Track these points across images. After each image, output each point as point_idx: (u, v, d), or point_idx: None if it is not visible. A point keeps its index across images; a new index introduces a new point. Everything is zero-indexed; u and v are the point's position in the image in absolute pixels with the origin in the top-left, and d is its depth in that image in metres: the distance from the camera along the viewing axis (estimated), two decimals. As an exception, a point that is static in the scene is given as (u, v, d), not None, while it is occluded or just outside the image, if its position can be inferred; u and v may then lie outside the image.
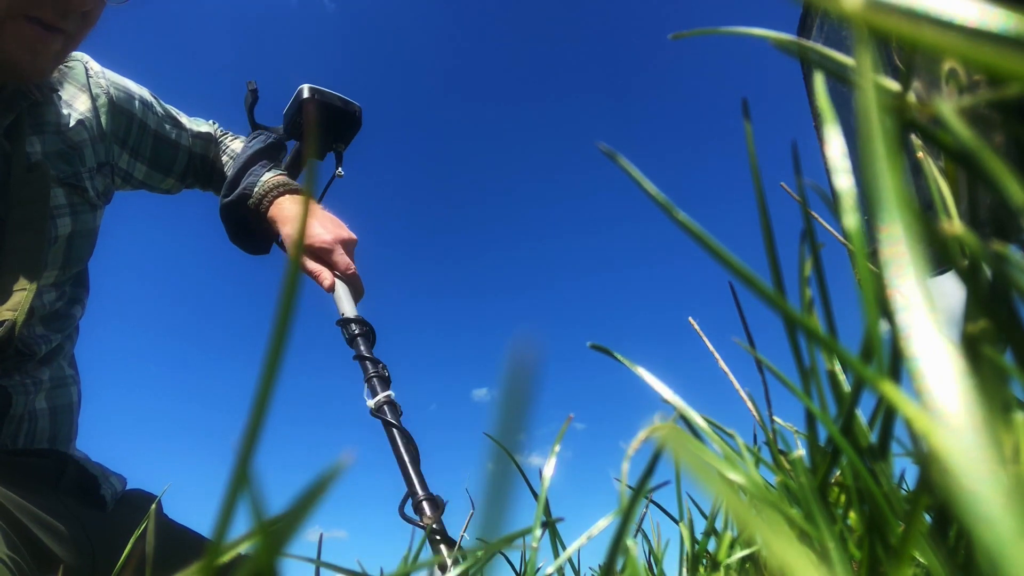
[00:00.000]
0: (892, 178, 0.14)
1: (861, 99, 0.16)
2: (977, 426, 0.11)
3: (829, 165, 0.20)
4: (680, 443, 0.23)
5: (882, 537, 0.23)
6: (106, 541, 0.88)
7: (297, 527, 0.14)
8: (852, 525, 0.28)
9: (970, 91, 0.38)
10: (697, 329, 0.44)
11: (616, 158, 0.24)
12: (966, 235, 0.18)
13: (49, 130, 0.99)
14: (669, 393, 0.34)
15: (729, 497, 0.15)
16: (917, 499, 0.19)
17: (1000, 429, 0.18)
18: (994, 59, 0.12)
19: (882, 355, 0.21)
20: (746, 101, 0.26)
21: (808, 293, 0.27)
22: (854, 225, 0.19)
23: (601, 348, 0.36)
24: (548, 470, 0.40)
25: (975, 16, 0.14)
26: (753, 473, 0.30)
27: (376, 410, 0.96)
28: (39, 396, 0.94)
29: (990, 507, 0.10)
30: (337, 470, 0.14)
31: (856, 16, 0.14)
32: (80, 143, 1.03)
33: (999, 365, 0.18)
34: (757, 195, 0.26)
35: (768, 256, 0.27)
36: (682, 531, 0.43)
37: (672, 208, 0.22)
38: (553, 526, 0.43)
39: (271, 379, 0.14)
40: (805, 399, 0.27)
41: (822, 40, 0.76)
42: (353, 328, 1.05)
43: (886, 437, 0.24)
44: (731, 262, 0.20)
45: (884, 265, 0.14)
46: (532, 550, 0.37)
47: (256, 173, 1.16)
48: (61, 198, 0.98)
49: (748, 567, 0.36)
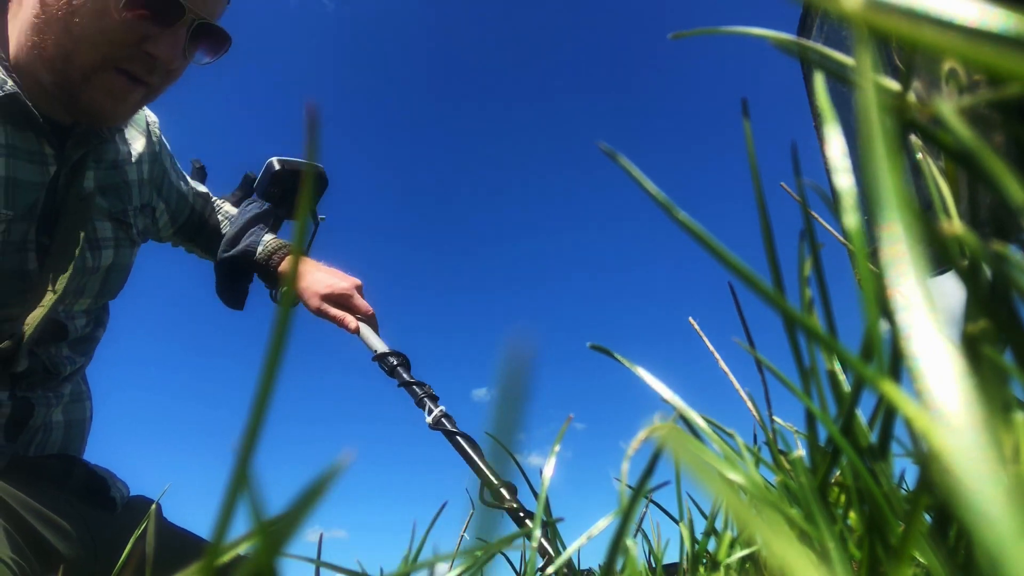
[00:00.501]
0: (892, 178, 0.14)
1: (861, 99, 0.16)
2: (977, 426, 0.11)
3: (829, 165, 0.20)
4: (680, 443, 0.23)
5: (882, 537, 0.23)
6: (109, 542, 0.90)
7: (297, 527, 0.14)
8: (852, 525, 0.28)
9: (970, 91, 0.38)
10: (697, 329, 0.44)
11: (616, 157, 0.24)
12: (966, 235, 0.18)
13: (106, 166, 1.06)
14: (669, 393, 0.34)
15: (729, 497, 0.15)
16: (917, 499, 0.19)
17: (1000, 429, 0.18)
18: (994, 59, 0.12)
19: (882, 355, 0.21)
20: (746, 101, 0.26)
21: (808, 293, 0.27)
22: (854, 224, 0.19)
23: (601, 348, 0.36)
24: (548, 470, 0.40)
25: (975, 16, 0.14)
26: (753, 473, 0.30)
27: (435, 424, 1.07)
28: (57, 409, 0.99)
29: (990, 507, 0.10)
30: (336, 469, 0.14)
31: (856, 16, 0.14)
32: (131, 182, 1.10)
33: (999, 365, 0.18)
34: (757, 195, 0.26)
35: (768, 256, 0.27)
36: (682, 531, 0.43)
37: (672, 207, 0.22)
38: (553, 526, 0.43)
39: (271, 378, 0.14)
40: (805, 399, 0.27)
41: (822, 40, 0.76)
42: (391, 360, 1.18)
43: (886, 437, 0.24)
44: (731, 261, 0.20)
45: (884, 265, 0.14)
46: (532, 550, 0.37)
47: (256, 234, 1.28)
48: (108, 231, 1.05)
49: (748, 567, 0.36)
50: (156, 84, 0.96)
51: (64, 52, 0.87)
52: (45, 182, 0.94)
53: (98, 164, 1.04)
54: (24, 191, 0.91)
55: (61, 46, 0.87)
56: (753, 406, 0.40)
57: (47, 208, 0.94)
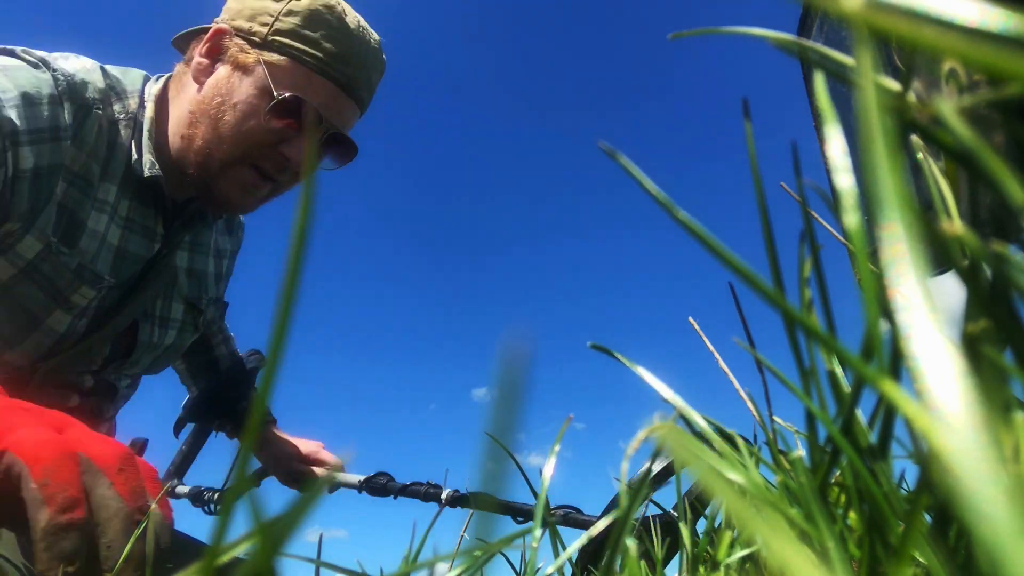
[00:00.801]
0: (892, 178, 0.14)
1: (861, 99, 0.16)
2: (978, 426, 0.11)
3: (830, 164, 0.20)
4: (680, 443, 0.23)
5: (882, 537, 0.23)
6: None
7: (296, 527, 0.14)
8: (852, 525, 0.28)
9: (970, 91, 0.38)
10: (697, 329, 0.44)
11: (617, 157, 0.24)
12: (966, 235, 0.18)
13: (199, 250, 1.15)
14: (669, 393, 0.34)
15: (729, 497, 0.15)
16: (917, 499, 0.19)
17: (1000, 429, 0.18)
18: (994, 59, 0.12)
19: (882, 354, 0.21)
20: (746, 101, 0.26)
21: (808, 293, 0.27)
22: (855, 224, 0.19)
23: (601, 348, 0.36)
24: (548, 470, 0.40)
25: (975, 16, 0.14)
26: (753, 473, 0.30)
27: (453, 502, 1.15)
28: None
29: (990, 506, 0.10)
30: (336, 469, 0.14)
31: (856, 16, 0.14)
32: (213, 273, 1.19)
33: (999, 365, 0.18)
34: (757, 195, 0.26)
35: (768, 256, 0.27)
36: (682, 531, 0.43)
37: (673, 206, 0.22)
38: (553, 526, 0.43)
39: (272, 378, 0.14)
40: (805, 399, 0.27)
41: (822, 40, 0.76)
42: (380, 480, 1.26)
43: (886, 437, 0.24)
44: (731, 260, 0.20)
45: (885, 265, 0.14)
46: (532, 550, 0.37)
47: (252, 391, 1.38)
48: (180, 313, 1.11)
49: (748, 567, 0.36)
50: (283, 182, 1.03)
51: (209, 146, 0.96)
52: (148, 256, 1.02)
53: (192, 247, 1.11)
54: (130, 263, 0.99)
55: (208, 140, 0.96)
56: (753, 406, 0.40)
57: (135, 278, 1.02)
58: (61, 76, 0.88)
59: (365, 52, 1.00)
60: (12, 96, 0.82)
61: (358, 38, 0.99)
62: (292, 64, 0.95)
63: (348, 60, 0.98)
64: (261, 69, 0.95)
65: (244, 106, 0.95)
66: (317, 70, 0.96)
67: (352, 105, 1.02)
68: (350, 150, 1.06)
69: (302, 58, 0.95)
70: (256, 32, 0.96)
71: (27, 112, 0.83)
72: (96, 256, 0.94)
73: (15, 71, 0.84)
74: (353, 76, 0.99)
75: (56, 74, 0.88)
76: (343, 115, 1.01)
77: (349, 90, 0.99)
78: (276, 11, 0.95)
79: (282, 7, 0.95)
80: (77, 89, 0.90)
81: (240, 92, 0.95)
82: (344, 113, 1.01)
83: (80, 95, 0.90)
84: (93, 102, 0.92)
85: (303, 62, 0.95)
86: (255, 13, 0.96)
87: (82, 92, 0.91)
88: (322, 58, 0.96)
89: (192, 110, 0.97)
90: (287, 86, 0.95)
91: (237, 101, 0.95)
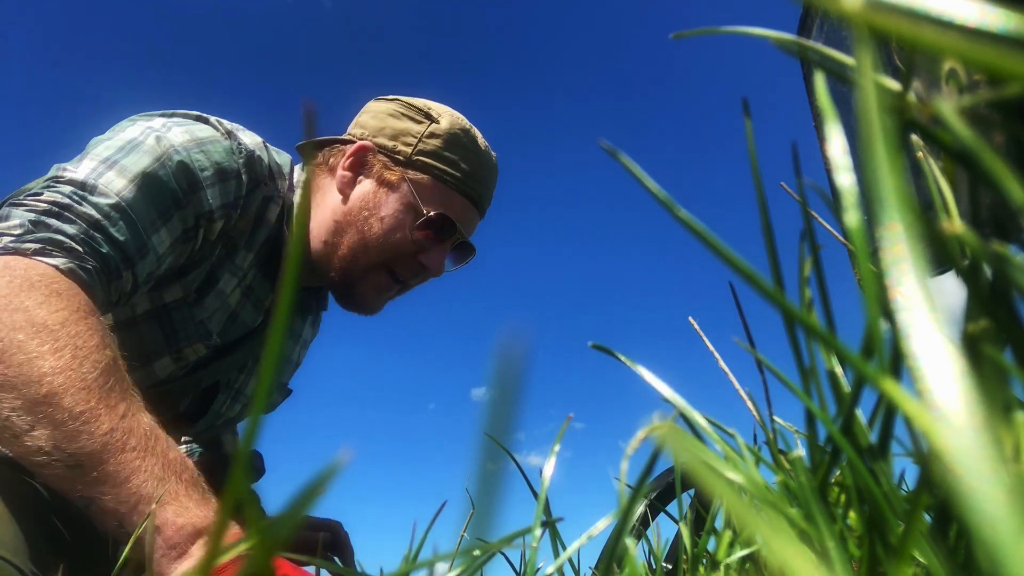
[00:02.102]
0: (893, 178, 0.14)
1: (861, 99, 0.16)
2: (978, 425, 0.11)
3: (830, 164, 0.20)
4: (680, 442, 0.23)
5: (882, 537, 0.23)
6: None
7: (296, 527, 0.14)
8: (852, 525, 0.28)
9: (970, 91, 0.38)
10: (697, 329, 0.44)
11: (617, 155, 0.24)
12: (966, 235, 0.18)
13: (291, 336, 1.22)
14: (669, 392, 0.34)
15: (729, 497, 0.15)
16: (917, 499, 0.19)
17: (1000, 428, 0.18)
18: (994, 59, 0.12)
19: (883, 354, 0.21)
20: (746, 101, 0.26)
21: (808, 292, 0.27)
22: (855, 224, 0.19)
23: (602, 348, 0.36)
24: (548, 470, 0.40)
25: (975, 16, 0.14)
26: (753, 473, 0.30)
27: None
28: None
29: (990, 507, 0.10)
30: (335, 468, 0.14)
31: (856, 16, 0.14)
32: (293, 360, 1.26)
33: (999, 364, 0.18)
34: (757, 195, 0.26)
35: (768, 255, 0.27)
36: (682, 530, 0.43)
37: (673, 205, 0.22)
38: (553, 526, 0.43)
39: (270, 376, 0.14)
40: (805, 399, 0.27)
41: (822, 40, 0.76)
42: None
43: (886, 437, 0.24)
44: (731, 258, 0.20)
45: (885, 264, 0.14)
46: (532, 550, 0.37)
47: None
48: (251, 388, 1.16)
49: (748, 567, 0.36)
50: (411, 285, 1.12)
51: (355, 253, 1.04)
52: (252, 327, 1.08)
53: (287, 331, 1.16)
54: (237, 328, 1.06)
55: (354, 248, 1.04)
56: (753, 406, 0.40)
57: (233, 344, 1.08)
58: (244, 151, 0.97)
59: (491, 170, 1.12)
60: (209, 175, 0.90)
61: (487, 158, 1.11)
62: (434, 182, 1.05)
63: (479, 178, 1.09)
64: (407, 186, 1.04)
65: (391, 219, 1.04)
66: (455, 188, 1.06)
67: (477, 216, 1.14)
68: (469, 252, 1.17)
69: (443, 177, 1.05)
70: (400, 151, 1.05)
71: (220, 189, 0.92)
72: (213, 315, 1.01)
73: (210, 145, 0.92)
74: (482, 192, 1.11)
75: (241, 147, 0.97)
76: (471, 225, 1.12)
77: (478, 204, 1.11)
78: (419, 132, 1.06)
79: (425, 129, 1.06)
80: (253, 165, 0.99)
81: (387, 206, 1.04)
82: (472, 223, 1.13)
83: (254, 170, 0.99)
84: (261, 178, 1.01)
85: (444, 181, 1.06)
86: (398, 133, 1.06)
87: (256, 168, 0.99)
88: (460, 177, 1.06)
89: (337, 219, 1.06)
90: (430, 202, 1.05)
91: (385, 215, 1.04)
